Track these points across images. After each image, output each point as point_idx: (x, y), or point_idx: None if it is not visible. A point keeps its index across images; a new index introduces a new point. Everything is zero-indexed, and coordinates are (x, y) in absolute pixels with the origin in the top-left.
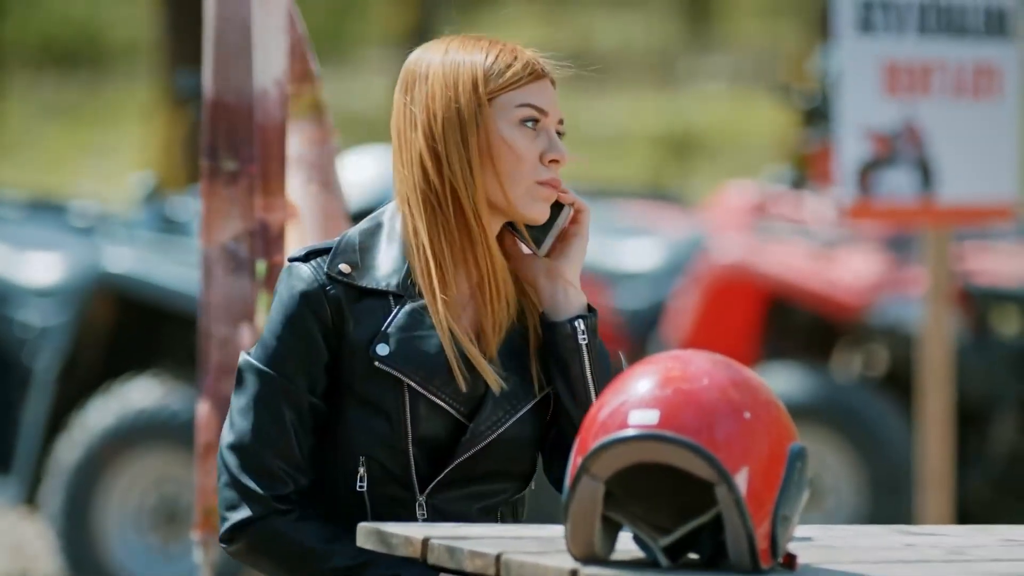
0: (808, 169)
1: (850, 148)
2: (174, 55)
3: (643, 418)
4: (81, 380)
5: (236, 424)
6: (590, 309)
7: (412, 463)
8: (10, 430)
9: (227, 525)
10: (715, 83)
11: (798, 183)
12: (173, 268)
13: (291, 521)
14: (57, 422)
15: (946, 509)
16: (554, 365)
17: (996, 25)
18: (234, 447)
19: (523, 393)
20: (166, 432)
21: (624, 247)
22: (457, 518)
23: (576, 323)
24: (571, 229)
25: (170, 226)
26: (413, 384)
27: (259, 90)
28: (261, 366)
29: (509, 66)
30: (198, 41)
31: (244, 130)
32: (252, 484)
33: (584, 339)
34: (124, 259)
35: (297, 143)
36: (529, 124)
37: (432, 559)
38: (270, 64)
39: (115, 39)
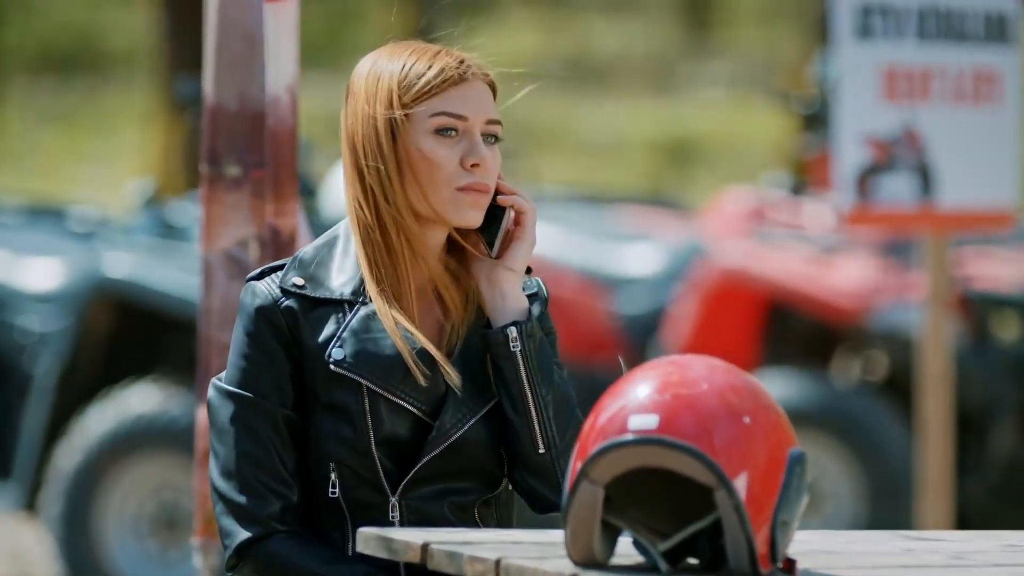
0: (807, 175)
1: (849, 154)
2: (173, 61)
3: (642, 423)
4: (80, 386)
5: (219, 452)
6: (532, 313)
7: (378, 464)
8: (10, 436)
9: (229, 551)
10: (714, 89)
11: (797, 189)
12: (172, 274)
13: (292, 544)
14: (56, 428)
15: (945, 515)
16: (494, 371)
17: (996, 31)
18: (222, 474)
19: (484, 393)
20: (165, 438)
21: (623, 252)
22: (431, 517)
23: (508, 331)
24: (515, 231)
25: (169, 232)
26: (370, 385)
27: (271, 96)
28: (232, 388)
29: (421, 75)
30: (197, 47)
31: (248, 135)
32: (246, 506)
33: (516, 347)
34: (123, 265)
35: None
36: (448, 132)
37: (432, 564)
38: (282, 70)
39: (114, 45)
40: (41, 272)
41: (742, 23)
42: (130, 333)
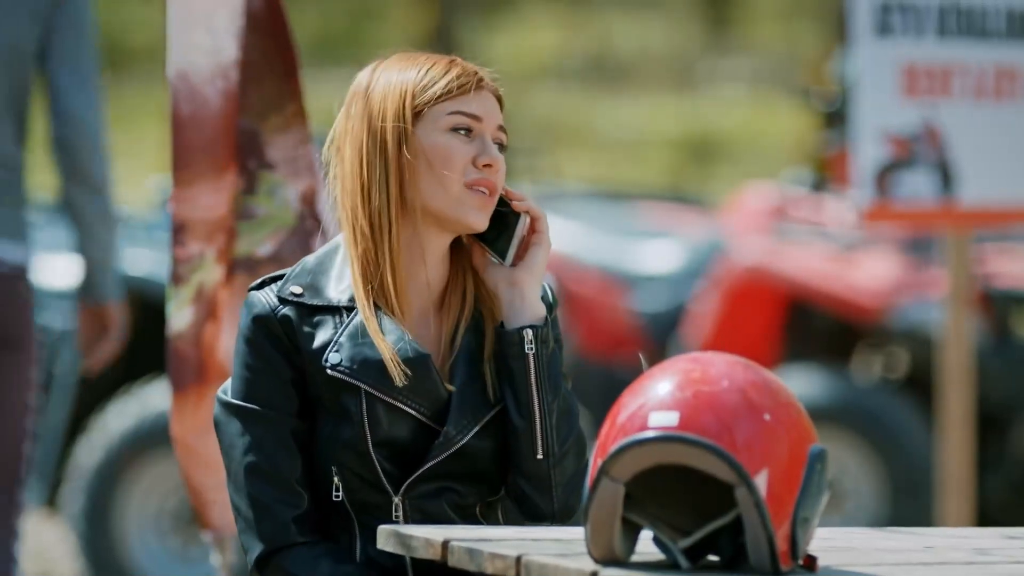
0: (828, 172)
1: (868, 151)
2: None
3: (663, 420)
4: (101, 383)
5: (229, 468)
6: (548, 321)
7: (378, 466)
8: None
9: (250, 565)
10: (735, 86)
11: (818, 186)
12: None
13: (301, 560)
14: (77, 425)
15: (966, 512)
16: (503, 371)
17: (1019, 27)
18: (235, 490)
19: (485, 399)
20: None
21: (644, 249)
22: (433, 515)
23: (525, 332)
24: (532, 238)
25: None
26: (367, 388)
27: (170, 83)
28: (236, 402)
29: (437, 80)
30: None
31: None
32: (257, 521)
33: (531, 348)
34: (143, 262)
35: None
36: (462, 131)
37: (452, 561)
38: (179, 57)
39: (135, 42)
40: (61, 269)
41: (762, 20)
42: (150, 330)
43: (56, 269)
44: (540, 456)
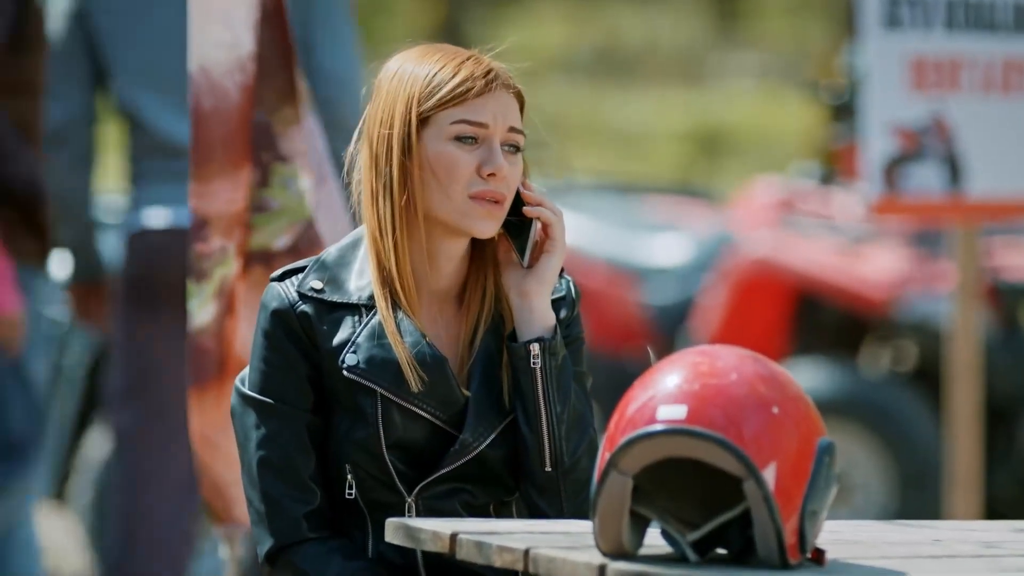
0: (836, 165)
1: (876, 144)
2: None
3: (671, 413)
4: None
5: (243, 460)
6: (557, 331)
7: (391, 467)
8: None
9: (260, 558)
10: (743, 79)
11: (826, 179)
12: None
13: (313, 555)
14: (86, 417)
15: (974, 505)
16: (512, 383)
17: None
18: (249, 483)
19: (502, 404)
20: None
21: (652, 243)
22: (446, 514)
23: (531, 346)
24: (544, 243)
25: None
26: (383, 391)
27: (191, 76)
28: (253, 394)
29: (444, 83)
30: None
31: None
32: (269, 515)
33: (537, 363)
34: None
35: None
36: (467, 140)
37: (461, 554)
38: (199, 51)
39: None
40: (70, 262)
41: (771, 13)
42: None
43: (64, 261)
44: (548, 469)
